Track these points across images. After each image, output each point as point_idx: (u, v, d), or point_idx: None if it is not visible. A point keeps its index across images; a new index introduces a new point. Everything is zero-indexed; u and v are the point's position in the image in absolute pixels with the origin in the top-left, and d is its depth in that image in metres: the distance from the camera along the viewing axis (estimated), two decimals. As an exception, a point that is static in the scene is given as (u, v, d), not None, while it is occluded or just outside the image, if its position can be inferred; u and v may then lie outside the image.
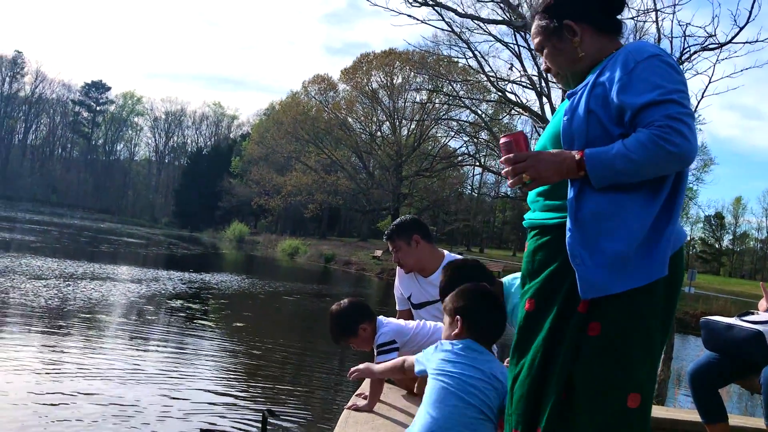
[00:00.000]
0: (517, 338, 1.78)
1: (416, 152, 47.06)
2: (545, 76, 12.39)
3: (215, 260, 29.64)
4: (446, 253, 3.53)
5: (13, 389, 5.28)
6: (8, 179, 77.16)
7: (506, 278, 2.68)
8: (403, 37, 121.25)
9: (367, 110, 50.83)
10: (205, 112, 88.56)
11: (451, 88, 27.62)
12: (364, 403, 2.95)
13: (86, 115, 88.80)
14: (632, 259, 1.59)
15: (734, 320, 2.79)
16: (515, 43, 15.13)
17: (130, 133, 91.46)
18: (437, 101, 35.60)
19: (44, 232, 30.77)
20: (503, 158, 1.70)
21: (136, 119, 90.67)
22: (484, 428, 2.05)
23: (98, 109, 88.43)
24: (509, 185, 1.72)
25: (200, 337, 9.13)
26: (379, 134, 50.88)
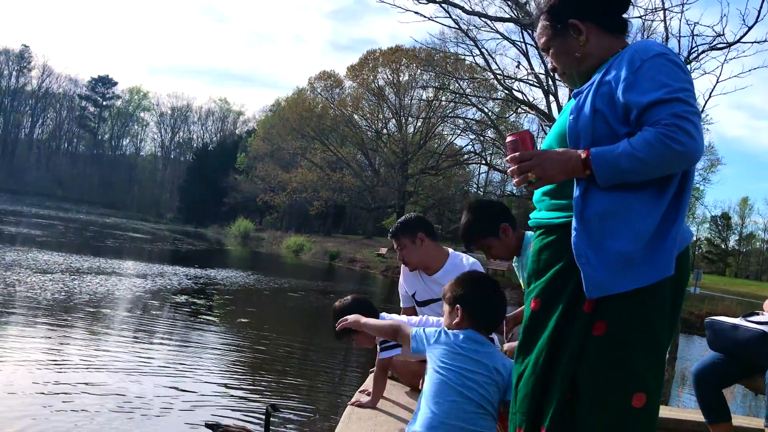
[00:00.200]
0: (522, 337, 1.78)
1: (422, 150, 46.97)
2: (552, 74, 12.36)
3: (220, 256, 29.70)
4: (451, 251, 3.54)
5: (18, 381, 5.32)
6: (15, 173, 77.48)
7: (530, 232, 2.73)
8: (409, 33, 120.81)
9: (373, 107, 50.74)
10: (211, 107, 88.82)
11: (457, 85, 27.61)
12: (367, 399, 2.97)
13: (92, 109, 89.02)
14: (638, 258, 1.58)
15: (739, 321, 2.78)
16: (522, 40, 15.07)
17: (136, 128, 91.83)
18: (444, 99, 35.60)
19: (50, 226, 30.87)
20: (509, 157, 1.70)
21: (142, 114, 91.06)
22: (483, 422, 2.06)
23: (104, 104, 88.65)
24: (515, 184, 1.72)
25: (205, 331, 9.16)
26: (385, 131, 50.80)
